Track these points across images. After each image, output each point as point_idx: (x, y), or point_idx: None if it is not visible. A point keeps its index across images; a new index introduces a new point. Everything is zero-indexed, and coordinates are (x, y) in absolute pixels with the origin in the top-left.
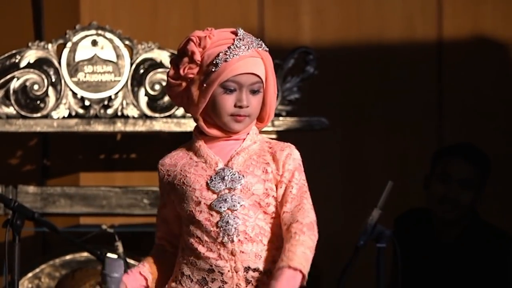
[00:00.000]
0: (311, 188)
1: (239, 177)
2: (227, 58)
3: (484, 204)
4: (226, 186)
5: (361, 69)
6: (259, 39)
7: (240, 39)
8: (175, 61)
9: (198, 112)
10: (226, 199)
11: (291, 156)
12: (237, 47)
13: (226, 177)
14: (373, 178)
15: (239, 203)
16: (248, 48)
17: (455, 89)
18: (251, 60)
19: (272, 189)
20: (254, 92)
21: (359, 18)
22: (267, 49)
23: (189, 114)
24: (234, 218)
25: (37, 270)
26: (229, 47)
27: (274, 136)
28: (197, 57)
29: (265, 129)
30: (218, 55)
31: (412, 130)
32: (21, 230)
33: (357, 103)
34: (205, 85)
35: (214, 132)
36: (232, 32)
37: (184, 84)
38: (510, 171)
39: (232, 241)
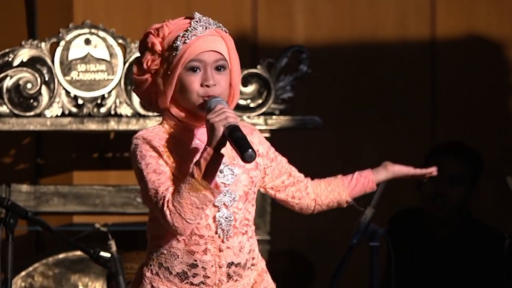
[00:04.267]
0: None
1: (232, 171)
2: (185, 40)
3: (478, 203)
4: (221, 179)
5: (355, 68)
6: (216, 21)
7: (196, 21)
8: (138, 59)
9: (167, 102)
10: (224, 193)
11: (262, 136)
12: (194, 28)
13: (222, 170)
14: None
15: (234, 198)
16: (206, 28)
17: (449, 87)
18: (210, 38)
19: (256, 176)
20: (219, 69)
21: (353, 17)
22: (227, 30)
23: None
24: (230, 213)
25: (31, 268)
26: (186, 30)
27: (267, 135)
28: (158, 47)
29: (258, 127)
30: (176, 38)
31: (405, 128)
32: (14, 228)
33: (350, 102)
34: (169, 72)
35: (188, 120)
36: (189, 18)
37: (149, 78)
38: (504, 169)
39: (228, 236)
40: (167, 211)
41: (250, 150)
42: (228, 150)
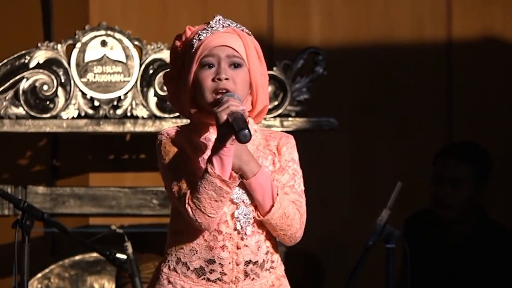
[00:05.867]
0: (320, 188)
1: None
2: (200, 37)
3: (494, 203)
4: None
5: (370, 70)
6: (239, 24)
7: (216, 21)
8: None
9: (187, 101)
10: (243, 191)
11: (294, 146)
12: (211, 26)
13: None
14: (382, 179)
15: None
16: (224, 26)
17: (464, 89)
18: (225, 34)
19: (278, 180)
20: (235, 66)
21: (369, 19)
22: (250, 32)
23: None
24: (249, 211)
25: (47, 270)
26: (204, 28)
27: None
28: (179, 48)
29: (274, 129)
30: (193, 37)
31: (421, 130)
32: (30, 230)
33: (366, 104)
34: (186, 70)
35: (205, 118)
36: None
37: (173, 80)
38: None
39: (246, 233)
40: (189, 208)
41: (246, 130)
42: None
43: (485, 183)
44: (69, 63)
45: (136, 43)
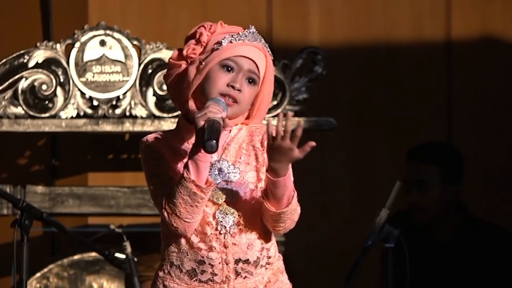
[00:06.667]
0: (319, 188)
1: (235, 169)
2: (232, 40)
3: (496, 205)
4: (223, 178)
5: (370, 69)
6: (268, 45)
7: (251, 32)
8: (182, 47)
9: (190, 92)
10: (223, 191)
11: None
12: (245, 35)
13: (223, 169)
14: (381, 179)
15: (236, 194)
16: (256, 40)
17: (464, 89)
18: (255, 49)
19: (263, 173)
20: (250, 81)
21: (368, 18)
22: (272, 57)
23: None
24: (231, 210)
25: (45, 270)
26: (238, 33)
27: None
28: (204, 38)
29: None
30: (224, 37)
31: (420, 130)
32: (29, 230)
33: (365, 103)
34: (204, 63)
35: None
36: (244, 28)
37: (183, 65)
38: None
39: (229, 233)
40: (165, 212)
41: (213, 141)
42: (232, 149)
43: (457, 181)
44: (68, 63)
45: (135, 42)
